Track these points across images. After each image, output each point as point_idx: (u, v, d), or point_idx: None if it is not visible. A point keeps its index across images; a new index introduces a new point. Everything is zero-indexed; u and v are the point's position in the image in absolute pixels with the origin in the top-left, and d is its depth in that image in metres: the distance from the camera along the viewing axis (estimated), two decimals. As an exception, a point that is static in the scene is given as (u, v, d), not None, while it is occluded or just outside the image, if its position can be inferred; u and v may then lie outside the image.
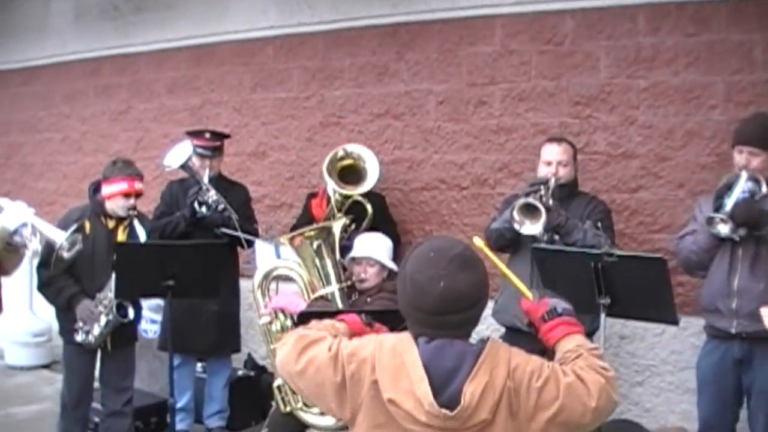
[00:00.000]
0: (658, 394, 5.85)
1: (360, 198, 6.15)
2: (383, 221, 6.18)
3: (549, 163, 5.12)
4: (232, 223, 6.04)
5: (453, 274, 2.40)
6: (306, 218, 6.37)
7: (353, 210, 6.09)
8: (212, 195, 6.04)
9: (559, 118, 6.17)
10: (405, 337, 2.47)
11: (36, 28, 9.51)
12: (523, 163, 6.28)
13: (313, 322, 2.79)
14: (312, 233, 5.01)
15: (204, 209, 6.05)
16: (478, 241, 3.03)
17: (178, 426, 5.79)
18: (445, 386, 2.35)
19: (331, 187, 6.21)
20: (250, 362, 7.23)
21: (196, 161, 6.19)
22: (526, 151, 6.27)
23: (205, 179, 6.14)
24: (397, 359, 2.41)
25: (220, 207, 6.02)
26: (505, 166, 6.38)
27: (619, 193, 5.94)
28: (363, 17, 7.00)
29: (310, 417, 4.90)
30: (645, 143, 5.89)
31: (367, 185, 6.24)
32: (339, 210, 6.08)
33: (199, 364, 6.77)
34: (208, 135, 6.42)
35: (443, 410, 2.31)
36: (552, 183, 4.95)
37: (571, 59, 6.13)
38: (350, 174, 6.33)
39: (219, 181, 6.34)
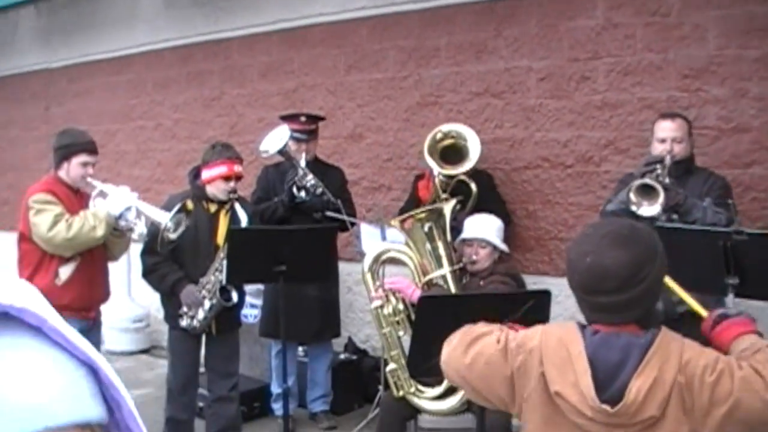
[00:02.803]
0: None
1: (464, 177, 6.04)
2: (491, 200, 6.07)
3: (663, 141, 4.97)
4: (332, 206, 6.01)
5: (601, 251, 2.30)
6: (413, 200, 6.30)
7: (458, 190, 5.99)
8: (310, 179, 6.02)
9: (667, 92, 5.99)
10: (571, 328, 2.38)
11: (126, 17, 9.59)
12: (629, 139, 6.13)
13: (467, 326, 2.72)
14: (423, 215, 4.95)
15: (303, 194, 6.04)
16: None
17: (282, 411, 5.80)
18: (610, 380, 2.26)
19: (433, 168, 6.12)
20: (350, 346, 7.23)
21: (291, 145, 6.17)
22: (632, 128, 6.11)
23: (302, 163, 6.11)
24: (563, 351, 2.32)
25: (318, 191, 6.00)
26: (611, 143, 6.23)
27: (731, 169, 5.74)
28: (459, -6, 6.88)
29: (423, 402, 4.88)
30: (758, 116, 5.68)
31: (469, 164, 6.13)
32: (444, 191, 5.98)
33: (300, 348, 6.78)
34: (303, 118, 6.40)
35: (604, 406, 2.22)
36: (668, 161, 4.78)
37: (679, 31, 5.94)
38: (452, 153, 6.22)
39: (315, 165, 6.32)
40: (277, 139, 6.04)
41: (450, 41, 6.98)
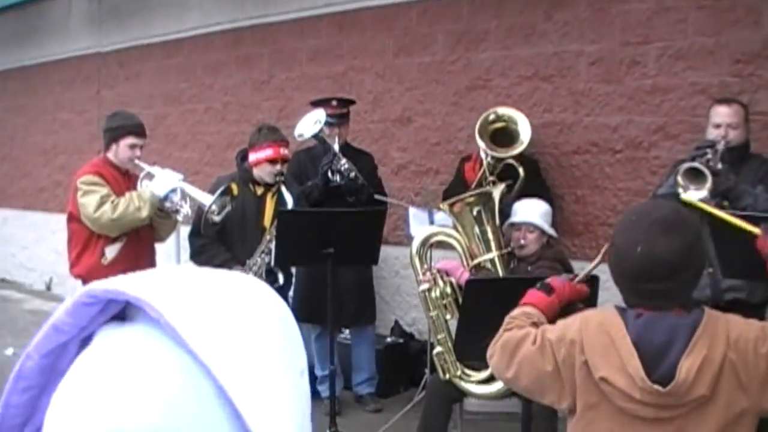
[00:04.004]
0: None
1: (512, 161, 6.00)
2: (536, 186, 6.03)
3: (718, 126, 4.91)
4: (366, 190, 6.03)
5: (652, 239, 2.29)
6: (459, 182, 6.26)
7: (505, 173, 5.94)
8: (344, 163, 6.03)
9: (719, 77, 5.90)
10: (611, 313, 2.38)
11: (177, 1, 9.67)
12: (680, 124, 6.05)
13: (507, 318, 2.72)
14: (472, 199, 4.94)
15: (337, 177, 6.05)
16: (687, 197, 2.90)
17: (326, 392, 5.83)
18: (658, 362, 2.25)
19: (483, 149, 6.08)
20: (397, 329, 7.24)
21: (325, 129, 6.15)
22: (683, 113, 6.03)
23: (336, 147, 6.12)
24: (604, 336, 2.32)
25: (352, 174, 6.00)
26: (661, 129, 6.15)
27: (785, 155, 5.67)
28: (509, -22, 6.84)
29: (469, 385, 4.88)
30: (814, 102, 5.60)
31: (519, 147, 6.09)
32: (491, 173, 5.93)
33: (346, 330, 6.82)
34: (335, 102, 6.42)
35: (656, 386, 2.21)
36: (721, 146, 4.71)
37: (732, 14, 5.84)
38: (502, 136, 6.18)
39: (346, 149, 6.32)
40: (311, 122, 6.04)
41: (499, 25, 6.94)
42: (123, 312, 0.81)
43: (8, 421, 0.81)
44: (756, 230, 2.70)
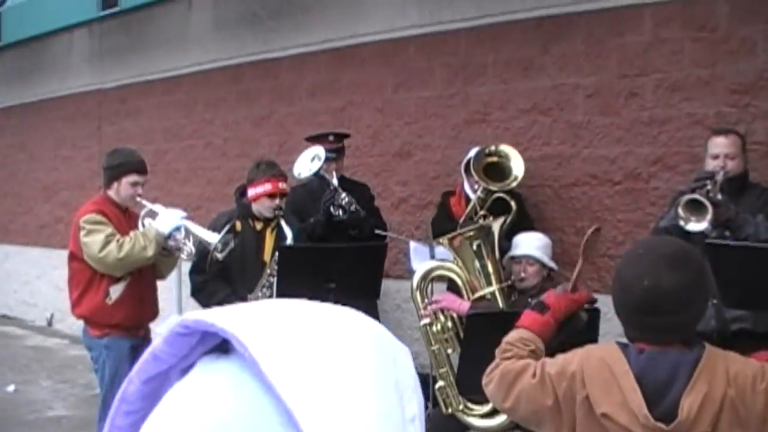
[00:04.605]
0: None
1: (503, 195, 5.99)
2: (521, 219, 6.00)
3: (716, 157, 4.93)
4: (368, 223, 6.04)
5: (659, 273, 2.31)
6: (445, 217, 6.26)
7: (494, 207, 5.91)
8: (344, 197, 6.03)
9: (716, 107, 5.94)
10: (612, 348, 2.39)
11: (177, 38, 9.76)
12: (677, 155, 6.08)
13: (503, 343, 2.73)
14: (472, 233, 4.98)
15: (339, 212, 6.06)
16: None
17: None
18: (659, 399, 2.26)
19: (476, 181, 6.04)
20: (399, 363, 7.21)
21: (322, 165, 6.14)
22: (680, 144, 6.06)
23: (334, 182, 6.13)
24: (606, 371, 2.33)
25: (353, 208, 6.02)
26: (659, 159, 6.19)
27: (782, 185, 5.70)
28: (506, 12, 6.89)
29: (472, 419, 4.88)
30: (810, 132, 5.63)
31: (513, 182, 6.07)
32: (481, 207, 5.92)
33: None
34: (331, 137, 6.44)
35: (659, 424, 2.22)
36: (720, 177, 4.73)
37: (727, 45, 5.89)
38: (494, 171, 6.18)
39: (343, 182, 6.33)
40: (309, 160, 6.05)
41: (497, 59, 7.00)
42: (225, 344, 0.82)
43: None
44: None
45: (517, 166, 6.12)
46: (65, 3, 11.33)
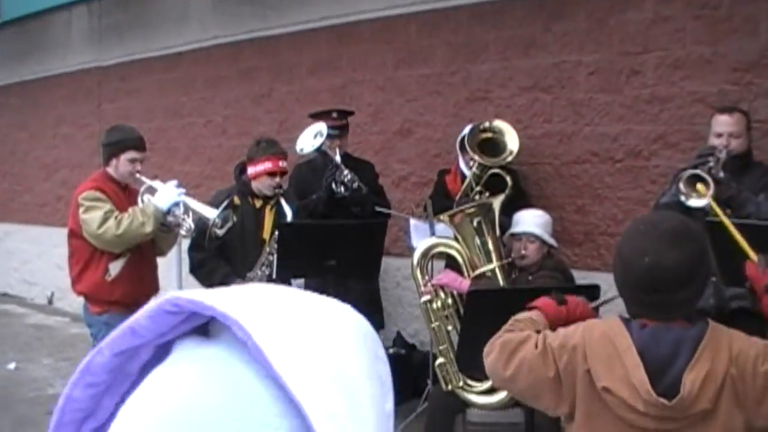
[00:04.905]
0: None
1: (499, 170, 5.95)
2: (518, 196, 5.96)
3: (720, 135, 4.89)
4: (371, 200, 6.02)
5: (661, 250, 2.28)
6: (441, 195, 6.25)
7: (490, 183, 5.88)
8: (347, 174, 6.02)
9: (717, 85, 5.92)
10: (615, 323, 2.38)
11: (176, 16, 9.71)
12: (679, 133, 6.07)
13: (511, 320, 2.72)
14: (472, 210, 4.96)
15: (342, 189, 6.04)
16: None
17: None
18: (662, 375, 2.25)
19: (471, 158, 6.03)
20: (399, 340, 7.24)
21: (325, 141, 6.11)
22: (682, 121, 6.05)
23: (337, 158, 6.12)
24: (608, 346, 2.32)
25: (355, 185, 6.00)
26: (660, 137, 6.17)
27: (784, 163, 5.68)
28: (508, -11, 6.86)
29: (472, 396, 4.89)
30: (812, 109, 5.61)
31: (508, 157, 6.01)
32: (477, 183, 5.89)
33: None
34: (335, 114, 6.41)
35: (661, 399, 2.21)
36: (722, 154, 4.70)
37: (729, 23, 5.86)
38: (489, 147, 6.14)
39: (346, 160, 6.32)
40: (312, 136, 6.04)
41: (498, 36, 6.97)
42: (205, 326, 0.79)
43: (69, 415, 0.80)
44: (753, 255, 2.69)
45: (512, 141, 6.08)
46: (64, -20, 11.27)
